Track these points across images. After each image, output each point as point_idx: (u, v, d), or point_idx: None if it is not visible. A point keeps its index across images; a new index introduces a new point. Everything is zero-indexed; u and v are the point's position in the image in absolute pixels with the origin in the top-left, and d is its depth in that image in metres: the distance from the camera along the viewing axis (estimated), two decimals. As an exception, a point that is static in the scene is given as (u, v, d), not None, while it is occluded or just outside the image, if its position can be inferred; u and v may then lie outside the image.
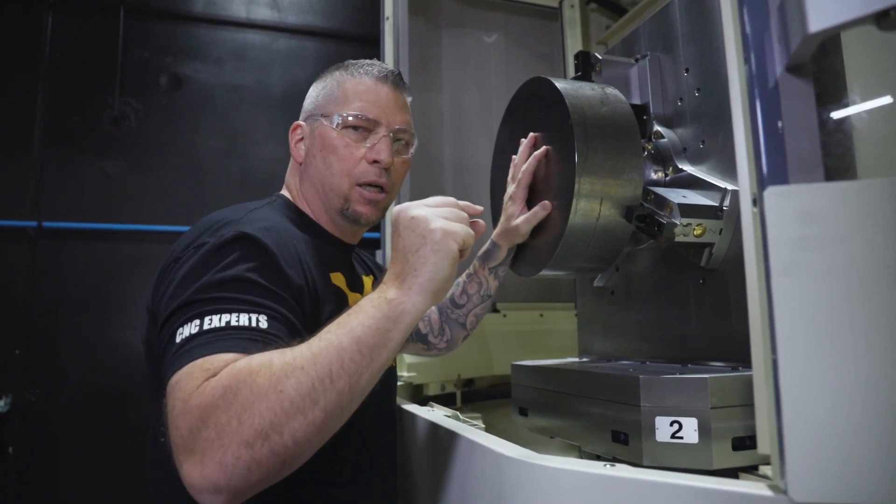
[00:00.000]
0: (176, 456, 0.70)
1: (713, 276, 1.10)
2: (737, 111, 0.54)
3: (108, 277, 3.45)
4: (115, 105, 3.59)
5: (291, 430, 0.69)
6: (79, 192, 3.50)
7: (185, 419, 0.69)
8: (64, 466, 3.28)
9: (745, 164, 0.54)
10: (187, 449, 0.69)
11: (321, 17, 4.11)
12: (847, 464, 0.46)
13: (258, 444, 0.68)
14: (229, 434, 0.67)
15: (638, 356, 1.30)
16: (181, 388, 0.73)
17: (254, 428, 0.68)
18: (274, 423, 0.68)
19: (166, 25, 3.78)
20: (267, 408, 0.68)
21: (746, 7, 0.51)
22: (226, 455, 0.67)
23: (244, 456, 0.67)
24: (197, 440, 0.68)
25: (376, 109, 1.15)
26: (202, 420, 0.68)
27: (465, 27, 2.29)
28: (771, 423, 0.49)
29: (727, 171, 1.10)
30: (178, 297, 0.87)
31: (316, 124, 1.16)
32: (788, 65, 0.49)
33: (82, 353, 3.38)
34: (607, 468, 0.64)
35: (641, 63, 1.29)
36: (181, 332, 0.81)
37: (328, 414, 0.72)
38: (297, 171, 1.22)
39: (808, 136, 0.49)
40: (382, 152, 1.13)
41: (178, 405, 0.71)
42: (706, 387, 0.90)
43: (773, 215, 0.48)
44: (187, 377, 0.74)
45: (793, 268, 0.47)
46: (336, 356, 0.73)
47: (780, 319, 0.47)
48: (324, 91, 1.19)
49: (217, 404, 0.69)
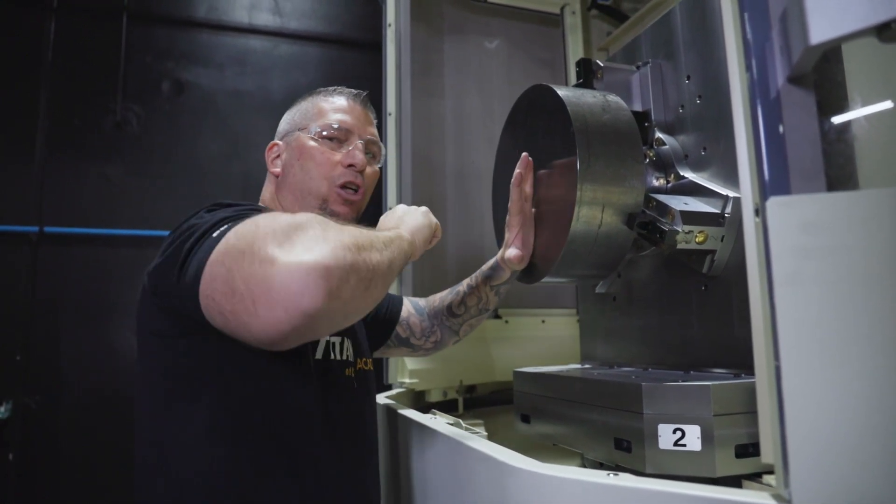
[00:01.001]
0: (262, 261, 0.70)
1: (715, 282, 1.10)
2: (738, 121, 0.54)
3: (110, 283, 3.45)
4: (118, 110, 3.60)
5: (369, 257, 0.77)
6: (80, 196, 3.50)
7: (274, 234, 0.72)
8: (64, 472, 3.28)
9: (747, 174, 0.54)
10: (284, 241, 0.70)
11: (323, 22, 4.13)
12: (851, 472, 0.46)
13: (353, 251, 0.74)
14: (327, 239, 0.72)
15: (640, 363, 1.30)
16: (251, 223, 0.76)
17: (344, 241, 0.74)
18: (358, 245, 0.76)
19: (168, 30, 3.79)
20: (350, 235, 0.76)
21: (748, 17, 0.51)
22: (335, 248, 0.71)
23: (347, 257, 0.72)
24: (295, 239, 0.71)
25: (350, 121, 1.27)
26: (293, 228, 0.73)
27: (466, 33, 2.29)
28: (774, 431, 0.49)
29: (729, 179, 1.10)
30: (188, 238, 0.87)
31: (292, 138, 1.27)
32: (790, 75, 0.49)
33: (83, 359, 3.38)
34: (610, 477, 0.64)
35: (643, 70, 1.29)
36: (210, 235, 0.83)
37: (380, 267, 0.81)
38: (272, 183, 1.30)
39: (810, 146, 0.49)
40: (357, 157, 1.23)
41: (259, 232, 0.73)
42: (709, 394, 0.90)
43: (776, 225, 0.48)
44: (241, 226, 0.77)
45: (795, 277, 0.47)
46: (376, 239, 0.84)
47: (783, 328, 0.48)
48: (299, 112, 1.30)
49: (301, 223, 0.74)
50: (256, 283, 0.70)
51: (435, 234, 1.16)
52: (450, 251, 2.11)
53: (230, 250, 0.75)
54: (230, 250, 0.75)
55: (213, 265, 0.77)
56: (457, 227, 2.11)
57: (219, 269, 0.76)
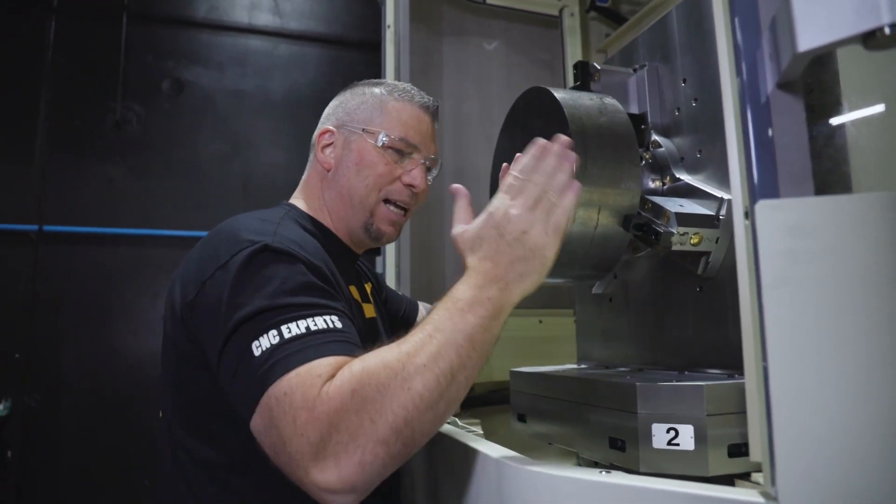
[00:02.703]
0: (299, 464, 0.72)
1: (710, 284, 1.11)
2: (730, 125, 0.55)
3: (110, 282, 3.46)
4: (118, 109, 3.61)
5: (422, 423, 0.74)
6: (80, 196, 3.51)
7: (315, 427, 0.71)
8: (63, 471, 3.29)
9: (737, 178, 0.55)
10: (318, 455, 0.71)
11: (323, 23, 4.14)
12: (837, 471, 0.47)
13: (392, 441, 0.72)
14: (364, 435, 0.71)
15: (636, 363, 1.31)
16: (298, 398, 0.73)
17: (388, 426, 0.72)
18: (407, 419, 0.73)
19: (169, 30, 3.81)
20: (399, 405, 0.72)
21: (738, 23, 0.52)
22: (364, 455, 0.71)
23: (381, 453, 0.71)
24: (329, 445, 0.71)
25: (418, 136, 1.21)
26: (333, 426, 0.71)
27: (465, 35, 2.30)
28: (762, 430, 0.50)
29: (724, 181, 1.11)
30: (236, 311, 0.85)
31: (354, 137, 1.19)
32: (779, 81, 0.50)
33: (83, 358, 3.39)
34: (603, 475, 0.65)
35: (640, 73, 1.30)
36: (258, 344, 0.80)
37: (450, 406, 0.77)
38: (320, 177, 1.22)
39: (799, 150, 0.50)
40: (418, 178, 1.19)
41: (301, 415, 0.72)
42: (702, 394, 0.91)
43: (764, 228, 0.49)
44: (301, 386, 0.74)
45: (783, 280, 0.48)
46: (455, 353, 0.77)
47: (771, 329, 0.49)
48: (363, 105, 1.21)
49: (347, 408, 0.71)
50: (299, 481, 0.74)
51: None
52: (448, 253, 2.12)
53: (276, 425, 0.75)
54: (276, 425, 0.75)
55: (262, 424, 0.77)
56: (455, 227, 2.12)
57: (270, 431, 0.76)
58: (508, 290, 0.83)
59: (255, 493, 0.97)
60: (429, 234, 2.10)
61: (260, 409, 0.77)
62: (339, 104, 1.24)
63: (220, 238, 0.98)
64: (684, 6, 1.22)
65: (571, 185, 0.87)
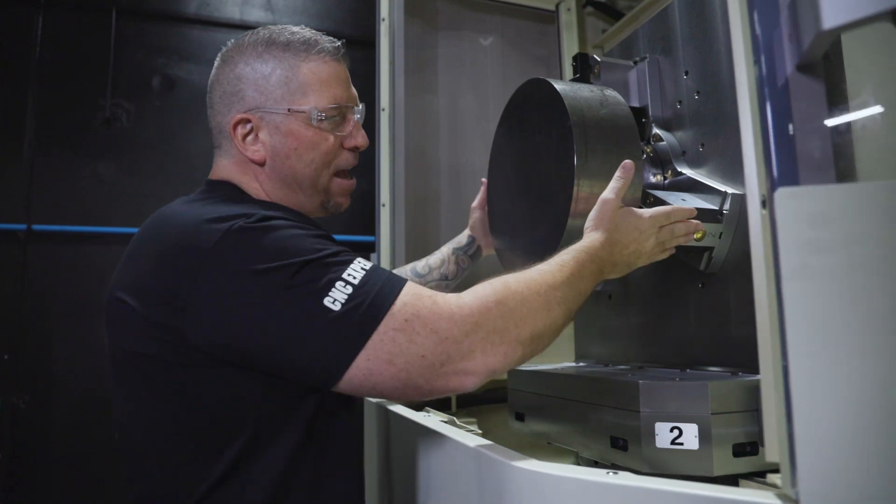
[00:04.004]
0: (444, 364, 0.82)
1: (712, 280, 1.09)
2: (745, 111, 0.53)
3: (100, 281, 3.40)
4: (107, 106, 3.56)
5: (547, 339, 0.91)
6: (70, 194, 3.46)
7: (461, 328, 0.82)
8: (53, 472, 3.24)
9: (753, 166, 0.52)
10: (463, 349, 0.82)
11: (316, 19, 4.10)
12: (861, 471, 0.45)
13: (528, 344, 0.88)
14: (510, 333, 0.85)
15: (635, 361, 1.29)
16: (428, 315, 0.83)
17: (529, 332, 0.87)
18: (543, 332, 0.89)
19: (159, 27, 3.76)
20: (540, 320, 0.88)
21: (756, 6, 0.50)
22: (508, 349, 0.85)
23: (519, 352, 0.87)
24: (476, 340, 0.83)
25: (346, 93, 1.09)
26: (478, 325, 0.83)
27: (461, 29, 2.27)
28: (781, 430, 0.48)
29: (727, 175, 1.09)
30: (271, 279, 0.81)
31: (279, 119, 1.03)
32: (799, 63, 0.48)
33: (73, 359, 3.34)
34: (610, 476, 0.63)
35: (640, 66, 1.28)
36: (331, 299, 0.81)
37: (560, 332, 0.94)
38: (248, 170, 1.07)
39: (819, 136, 0.48)
40: (360, 137, 1.11)
41: (441, 324, 0.82)
42: (707, 392, 0.89)
43: (784, 217, 0.46)
44: (423, 307, 0.83)
45: (804, 271, 0.46)
46: (579, 300, 0.96)
47: (791, 324, 0.46)
48: (272, 78, 1.03)
49: (492, 313, 0.84)
50: (439, 380, 0.83)
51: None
52: (443, 249, 2.10)
53: (404, 353, 0.81)
54: (404, 353, 0.81)
55: (373, 364, 0.82)
56: (451, 224, 2.09)
57: (393, 362, 0.81)
58: (607, 273, 1.03)
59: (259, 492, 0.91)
60: (424, 230, 2.07)
61: (368, 352, 0.81)
62: (237, 81, 1.05)
63: (179, 229, 0.90)
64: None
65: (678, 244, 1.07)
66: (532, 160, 1.19)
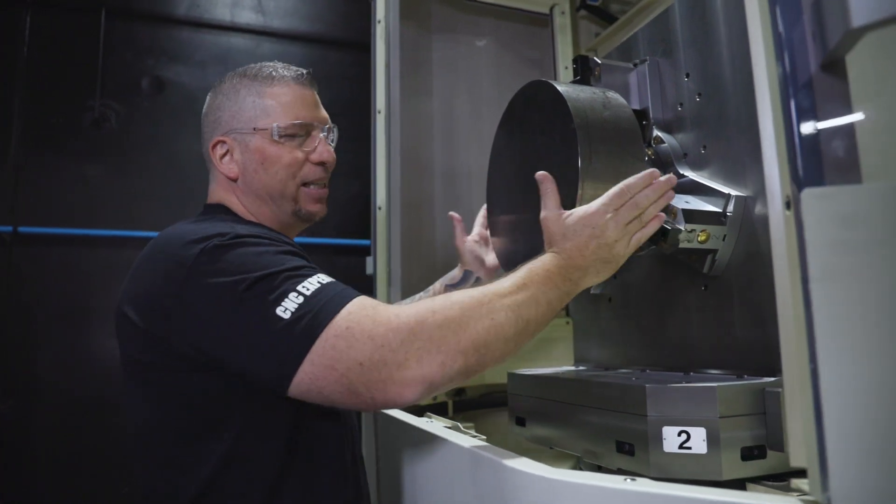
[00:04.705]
0: (380, 372, 0.83)
1: (716, 282, 1.09)
2: (765, 111, 0.52)
3: (87, 285, 3.35)
4: (96, 108, 3.51)
5: (494, 349, 0.88)
6: (57, 196, 3.40)
7: (396, 335, 0.83)
8: (39, 478, 3.18)
9: (775, 167, 0.52)
10: (399, 359, 0.83)
11: (306, 21, 4.07)
12: (893, 474, 0.44)
13: (471, 354, 0.86)
14: (447, 343, 0.84)
15: (636, 364, 1.28)
16: (368, 323, 0.84)
17: (470, 340, 0.85)
18: (486, 341, 0.87)
19: (149, 27, 3.71)
20: (482, 328, 0.87)
21: (779, 5, 0.49)
22: (446, 359, 0.84)
23: (459, 361, 0.85)
24: (411, 349, 0.83)
25: (307, 113, 1.21)
26: (414, 333, 0.84)
27: (455, 32, 2.27)
28: (808, 434, 0.47)
29: (729, 177, 1.09)
30: (233, 290, 0.89)
31: (249, 139, 1.17)
32: (824, 62, 0.47)
33: (59, 363, 3.28)
34: (628, 483, 0.61)
35: (640, 68, 1.28)
36: (283, 308, 0.86)
37: (517, 346, 0.92)
38: (228, 187, 1.21)
39: (845, 135, 0.48)
40: (324, 153, 1.21)
41: (378, 330, 0.84)
42: (715, 395, 0.89)
43: (811, 218, 0.46)
44: (364, 316, 0.85)
45: (832, 272, 0.45)
46: (535, 308, 0.92)
47: (820, 325, 0.45)
48: (243, 104, 1.18)
49: (427, 322, 0.84)
50: (378, 389, 0.83)
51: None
52: (438, 252, 2.08)
53: (343, 357, 0.84)
54: (343, 357, 0.84)
55: (316, 371, 0.85)
56: (445, 227, 2.08)
57: (334, 367, 0.84)
58: (585, 279, 0.99)
59: (247, 491, 0.99)
60: (419, 233, 2.06)
61: (312, 357, 0.84)
62: (217, 110, 1.21)
63: (170, 248, 0.99)
64: (687, 0, 1.19)
65: (659, 214, 1.00)
66: (534, 162, 1.18)
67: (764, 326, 0.97)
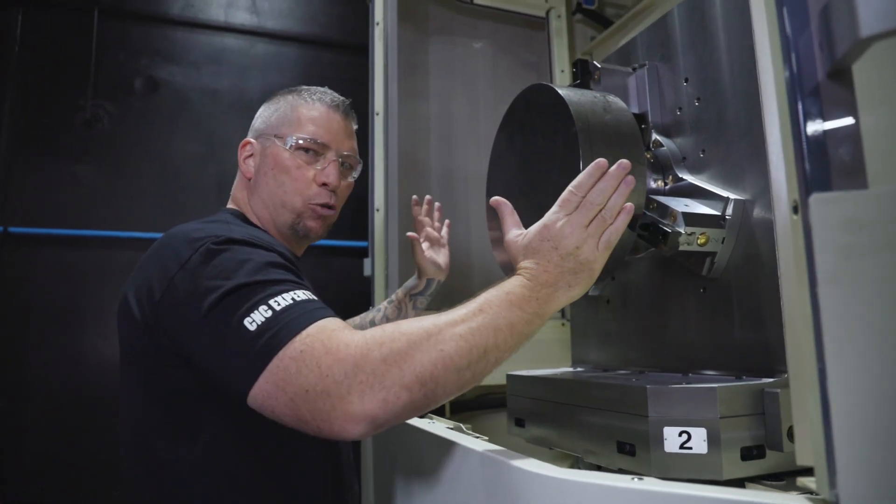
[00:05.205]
0: (323, 403, 0.79)
1: (714, 285, 1.10)
2: (771, 115, 0.53)
3: (78, 285, 3.33)
4: (88, 108, 3.49)
5: (446, 383, 0.81)
6: (48, 196, 3.38)
7: (340, 367, 0.79)
8: (31, 479, 3.16)
9: (781, 171, 0.53)
10: (342, 392, 0.78)
11: (301, 22, 4.07)
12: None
13: (416, 389, 0.80)
14: (391, 378, 0.79)
15: (635, 366, 1.29)
16: (319, 348, 0.81)
17: (414, 375, 0.79)
18: (434, 375, 0.80)
19: (142, 27, 3.70)
20: (429, 360, 0.80)
21: (787, 11, 0.50)
22: (388, 395, 0.78)
23: (403, 397, 0.79)
24: (354, 383, 0.78)
25: (327, 135, 1.24)
26: (358, 366, 0.79)
27: (452, 35, 2.28)
28: (815, 433, 0.48)
29: (728, 180, 1.10)
30: (211, 294, 0.90)
31: (268, 143, 1.24)
32: (831, 70, 0.48)
33: (50, 363, 3.26)
34: (636, 482, 0.62)
35: (639, 72, 1.29)
36: (250, 320, 0.85)
37: (475, 377, 0.84)
38: (245, 186, 1.28)
39: (851, 141, 0.49)
40: (331, 175, 1.23)
41: (325, 360, 0.80)
42: (715, 396, 0.90)
43: (819, 223, 0.47)
44: (319, 340, 0.82)
45: (840, 276, 0.46)
46: (493, 334, 0.85)
47: (828, 327, 0.47)
48: (276, 113, 1.26)
49: (373, 355, 0.79)
50: (323, 420, 0.80)
51: None
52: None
53: (293, 381, 0.81)
54: (293, 381, 0.81)
55: (269, 390, 0.83)
56: (442, 229, 2.09)
57: (284, 390, 0.82)
58: (556, 296, 0.91)
59: (226, 489, 1.00)
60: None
61: (267, 374, 0.82)
62: (258, 115, 1.31)
63: (175, 243, 1.02)
64: (687, 5, 1.21)
65: (625, 207, 0.93)
66: (534, 165, 1.19)
67: (762, 328, 0.98)
